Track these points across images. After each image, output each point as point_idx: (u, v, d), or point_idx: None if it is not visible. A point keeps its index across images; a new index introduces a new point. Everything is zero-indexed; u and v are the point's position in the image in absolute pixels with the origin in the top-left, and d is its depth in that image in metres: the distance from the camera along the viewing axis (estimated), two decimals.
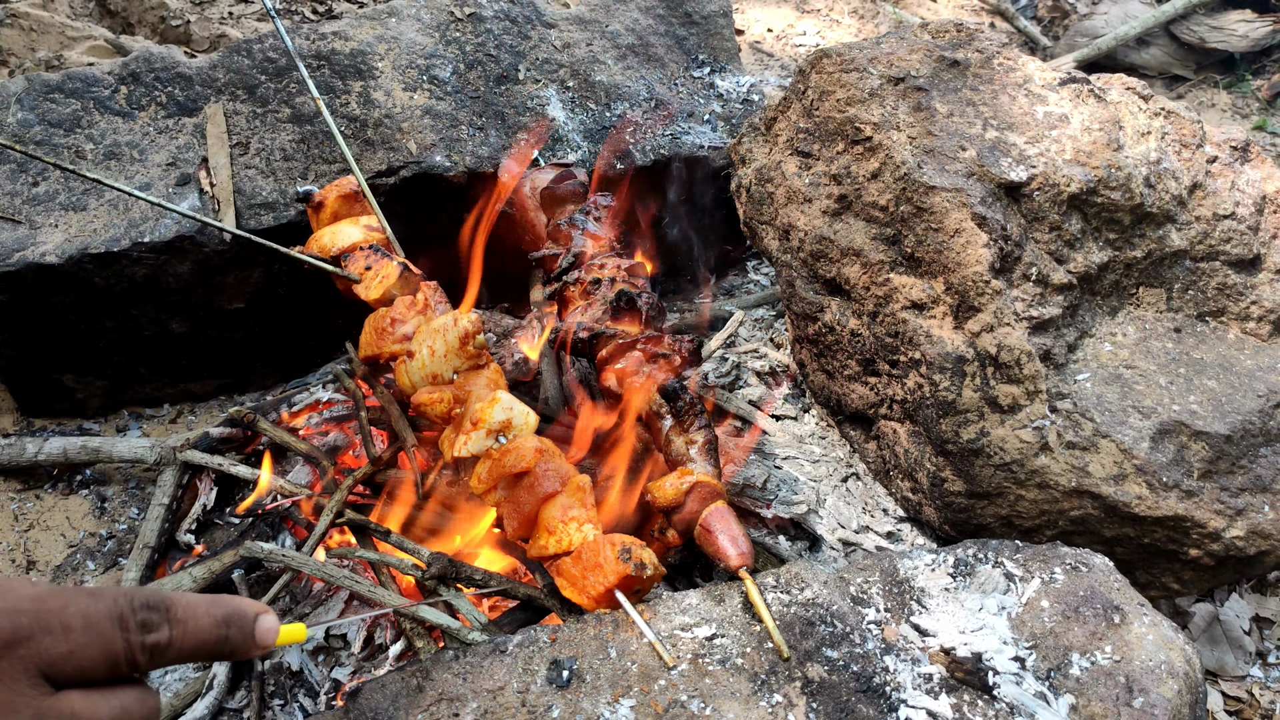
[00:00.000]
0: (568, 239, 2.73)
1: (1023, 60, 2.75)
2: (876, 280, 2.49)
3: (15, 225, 2.84)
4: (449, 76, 3.33)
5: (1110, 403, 2.31)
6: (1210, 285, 2.58)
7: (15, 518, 2.85)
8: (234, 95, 3.18)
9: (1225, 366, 2.43)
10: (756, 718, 1.65)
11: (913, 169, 2.40)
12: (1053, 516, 2.30)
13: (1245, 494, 2.26)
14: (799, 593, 1.89)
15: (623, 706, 1.67)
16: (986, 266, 2.31)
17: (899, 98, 2.56)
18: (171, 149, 3.05)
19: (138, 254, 2.84)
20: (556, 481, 2.09)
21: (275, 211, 2.97)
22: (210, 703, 2.29)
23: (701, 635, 1.80)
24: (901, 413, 2.55)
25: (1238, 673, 2.58)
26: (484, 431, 2.16)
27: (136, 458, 2.86)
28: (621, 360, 2.42)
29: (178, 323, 3.06)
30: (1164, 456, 2.24)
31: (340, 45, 3.29)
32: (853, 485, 2.81)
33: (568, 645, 1.79)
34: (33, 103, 3.06)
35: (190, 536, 2.74)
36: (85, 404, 3.20)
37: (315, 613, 2.51)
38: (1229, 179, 2.63)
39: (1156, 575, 2.39)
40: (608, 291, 2.52)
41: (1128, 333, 2.50)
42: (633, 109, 3.49)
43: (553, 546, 2.03)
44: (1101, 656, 1.74)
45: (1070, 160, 2.47)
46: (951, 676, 1.73)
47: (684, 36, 3.82)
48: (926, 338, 2.36)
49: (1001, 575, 1.91)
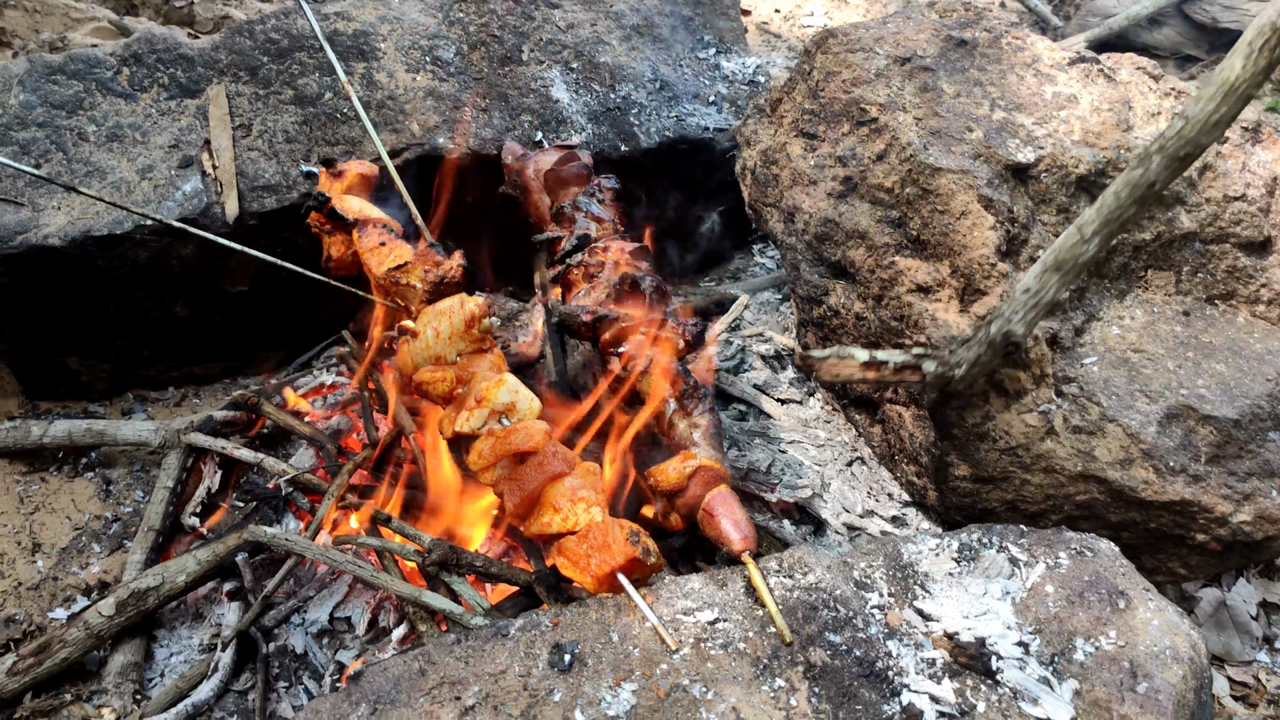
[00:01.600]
0: (571, 222, 2.71)
1: (1031, 40, 2.72)
2: (882, 263, 2.47)
3: (18, 208, 2.83)
4: (452, 58, 3.31)
5: (1117, 386, 2.29)
6: (1220, 268, 2.56)
7: (21, 500, 2.86)
8: (236, 77, 3.16)
9: (1234, 350, 2.41)
10: (759, 702, 1.65)
11: (919, 150, 2.38)
12: (1058, 501, 2.29)
13: (1253, 479, 2.24)
14: (802, 577, 1.88)
15: (624, 690, 1.67)
16: (993, 249, 2.29)
17: (905, 78, 2.54)
18: (174, 131, 3.03)
19: (140, 236, 2.83)
20: (563, 463, 2.09)
21: (278, 194, 2.96)
22: (215, 685, 2.29)
23: (704, 619, 1.80)
24: (907, 397, 2.53)
25: (1244, 658, 2.57)
26: (487, 410, 2.17)
27: (141, 441, 2.86)
28: (624, 343, 2.40)
29: (181, 306, 3.05)
30: (1171, 441, 2.23)
31: (343, 26, 3.27)
32: (858, 470, 2.80)
33: (569, 629, 1.79)
34: (35, 84, 3.05)
35: (195, 519, 2.74)
36: (90, 387, 3.20)
37: (319, 595, 2.51)
38: (1240, 160, 2.60)
39: (1163, 560, 2.37)
40: (611, 275, 2.50)
41: (1136, 316, 2.48)
42: (637, 90, 3.47)
43: (557, 525, 2.03)
44: (1106, 642, 1.73)
45: (1079, 141, 2.45)
46: (955, 661, 1.72)
47: (689, 17, 3.79)
48: (932, 321, 2.34)
49: (1006, 560, 1.89)
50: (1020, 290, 1.75)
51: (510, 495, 2.10)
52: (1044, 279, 1.75)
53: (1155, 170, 1.59)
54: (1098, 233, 1.68)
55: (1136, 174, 1.60)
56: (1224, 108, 1.55)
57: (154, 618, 2.48)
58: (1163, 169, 1.59)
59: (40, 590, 2.63)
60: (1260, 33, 1.48)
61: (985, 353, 1.79)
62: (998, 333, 1.77)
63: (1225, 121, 1.56)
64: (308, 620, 2.47)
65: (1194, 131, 1.57)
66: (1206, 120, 1.56)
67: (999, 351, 1.78)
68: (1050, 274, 1.75)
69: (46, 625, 2.54)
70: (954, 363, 1.84)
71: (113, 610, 2.36)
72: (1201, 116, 1.56)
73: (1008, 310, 1.75)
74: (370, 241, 2.59)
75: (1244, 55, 1.50)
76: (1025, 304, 1.75)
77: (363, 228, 2.58)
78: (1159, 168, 1.59)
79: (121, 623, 2.36)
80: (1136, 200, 1.64)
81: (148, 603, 2.39)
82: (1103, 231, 1.67)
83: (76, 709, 2.29)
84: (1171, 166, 1.59)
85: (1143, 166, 1.59)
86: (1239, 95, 1.53)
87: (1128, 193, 1.63)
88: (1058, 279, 1.74)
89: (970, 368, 1.82)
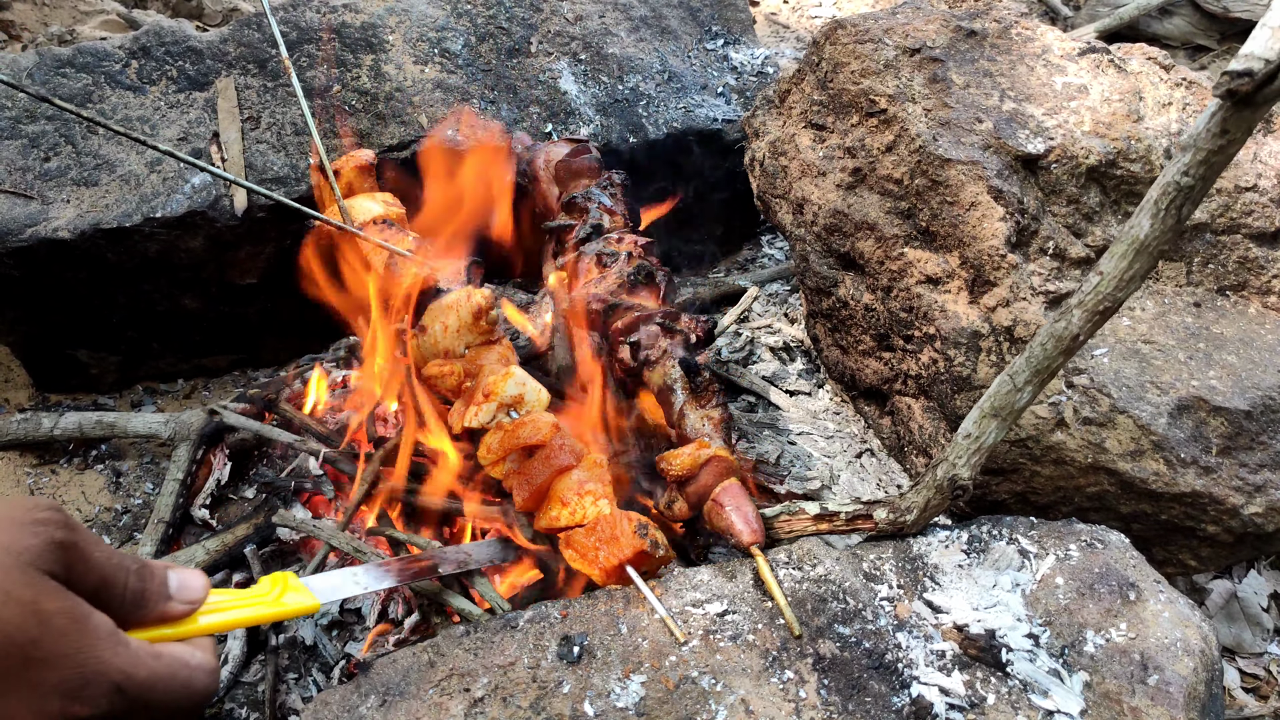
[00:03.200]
0: (583, 212, 2.71)
1: (1041, 30, 2.70)
2: (891, 254, 2.46)
3: (27, 201, 2.84)
4: (460, 49, 3.31)
5: (1128, 378, 2.28)
6: (1231, 259, 2.54)
7: (31, 492, 2.87)
8: (245, 69, 3.16)
9: (1245, 341, 2.40)
10: (768, 694, 1.65)
11: (928, 141, 2.37)
12: (1069, 493, 2.28)
13: (1264, 470, 2.23)
14: (811, 569, 1.88)
15: (633, 682, 1.67)
16: (1002, 240, 2.28)
17: (914, 69, 2.53)
18: (182, 124, 3.04)
19: (149, 230, 2.84)
20: (571, 456, 2.09)
21: (286, 186, 2.96)
22: (225, 676, 2.30)
23: (713, 611, 1.80)
24: (916, 388, 2.52)
25: (1255, 650, 2.56)
26: (495, 404, 2.17)
27: (151, 433, 2.87)
28: (636, 333, 2.40)
29: (190, 298, 3.06)
30: (1182, 432, 2.22)
31: (351, 18, 3.26)
32: (867, 461, 2.80)
33: (578, 621, 1.79)
34: (44, 77, 3.06)
35: (205, 511, 2.75)
36: (100, 379, 3.21)
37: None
38: (1251, 151, 2.59)
39: (1174, 552, 2.37)
40: (624, 265, 2.50)
41: (1146, 307, 2.47)
42: (645, 81, 3.46)
43: (565, 518, 2.03)
44: (1116, 634, 1.72)
45: (1089, 132, 2.43)
46: (964, 653, 1.72)
47: (698, 8, 3.78)
48: (941, 312, 2.34)
49: (1016, 552, 1.89)
50: (961, 436, 1.90)
51: (519, 489, 2.10)
52: (982, 425, 1.88)
53: (1076, 324, 1.73)
54: (1029, 381, 1.82)
55: (1059, 327, 1.75)
56: (1137, 264, 1.66)
57: None
58: (1084, 322, 1.73)
59: None
60: (1165, 191, 1.56)
61: (934, 497, 1.91)
62: (944, 477, 1.89)
63: (1139, 276, 1.67)
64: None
65: (1110, 287, 1.69)
66: (1121, 276, 1.67)
67: (947, 495, 1.91)
68: (988, 420, 1.88)
69: None
70: (904, 508, 1.95)
71: None
72: (1116, 273, 1.68)
73: (952, 456, 1.88)
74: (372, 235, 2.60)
75: (1151, 214, 1.62)
76: (968, 449, 1.89)
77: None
78: (1080, 321, 1.73)
79: None
80: (1063, 351, 1.77)
81: None
82: (1034, 380, 1.81)
83: None
84: (1092, 320, 1.72)
85: (1064, 320, 1.75)
86: (1150, 253, 1.64)
87: (1053, 344, 1.77)
88: (996, 424, 1.87)
89: (921, 513, 1.93)
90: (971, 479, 1.86)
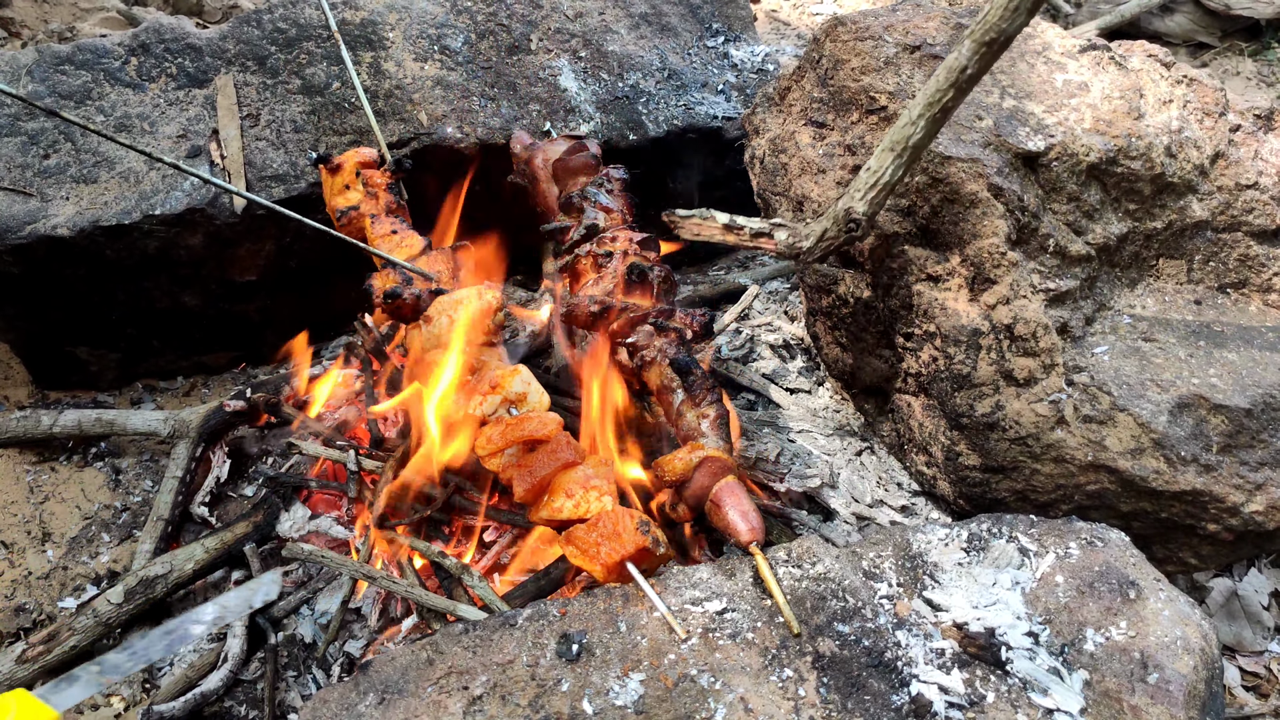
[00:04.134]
0: (580, 212, 2.70)
1: (1042, 27, 2.70)
2: (891, 252, 2.45)
3: (26, 198, 2.83)
4: (460, 46, 3.30)
5: (1128, 376, 2.28)
6: (1232, 257, 2.54)
7: (31, 490, 2.87)
8: (244, 66, 3.16)
9: (1246, 339, 2.40)
10: (767, 692, 1.65)
11: None
12: (1069, 491, 2.28)
13: (1265, 468, 2.23)
14: (810, 567, 1.88)
15: (632, 680, 1.67)
16: (1003, 238, 2.27)
17: (915, 66, 2.52)
18: (182, 121, 3.03)
19: (149, 226, 2.84)
20: (574, 452, 2.11)
21: (286, 184, 2.96)
22: (225, 674, 2.30)
23: (712, 610, 1.79)
24: (916, 386, 2.52)
25: (1256, 648, 2.55)
26: (499, 398, 2.20)
27: (150, 430, 2.87)
28: (633, 334, 2.40)
29: (190, 295, 3.06)
30: (1182, 430, 2.21)
31: (350, 15, 3.26)
32: (867, 459, 2.79)
33: (577, 619, 1.79)
34: (43, 74, 3.05)
35: (204, 509, 2.75)
36: (99, 376, 3.21)
37: (329, 586, 2.52)
38: (1252, 148, 2.58)
39: (1174, 550, 2.36)
40: (619, 265, 2.50)
41: (1147, 305, 2.46)
42: (645, 79, 3.45)
43: (568, 511, 2.04)
44: (1116, 632, 1.72)
45: (1090, 129, 2.43)
46: (964, 651, 1.72)
47: (698, 5, 3.77)
48: (942, 310, 2.33)
49: (1016, 550, 1.89)
50: (863, 170, 1.98)
51: (520, 481, 2.11)
52: (881, 158, 1.96)
53: (965, 55, 1.79)
54: (923, 115, 1.88)
55: (951, 59, 1.82)
56: None
57: (163, 606, 2.48)
58: (972, 54, 1.78)
59: (50, 579, 2.64)
60: None
61: (831, 228, 2.01)
62: (841, 210, 2.03)
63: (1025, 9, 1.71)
64: (317, 611, 2.47)
65: (996, 17, 1.74)
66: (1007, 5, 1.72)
67: (842, 228, 2.02)
68: (886, 153, 1.95)
69: (56, 614, 2.55)
70: (804, 234, 2.06)
71: (121, 598, 2.37)
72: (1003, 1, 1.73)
73: (851, 189, 1.99)
74: (382, 229, 2.60)
75: None
76: (866, 183, 2.00)
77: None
78: (969, 53, 1.79)
79: (130, 611, 2.37)
80: (953, 85, 1.83)
81: (156, 591, 2.40)
82: (926, 114, 1.87)
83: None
84: (979, 52, 1.78)
85: (956, 52, 1.81)
86: None
87: (944, 76, 1.83)
88: (892, 159, 1.94)
89: (818, 241, 2.03)
90: (866, 215, 1.96)
